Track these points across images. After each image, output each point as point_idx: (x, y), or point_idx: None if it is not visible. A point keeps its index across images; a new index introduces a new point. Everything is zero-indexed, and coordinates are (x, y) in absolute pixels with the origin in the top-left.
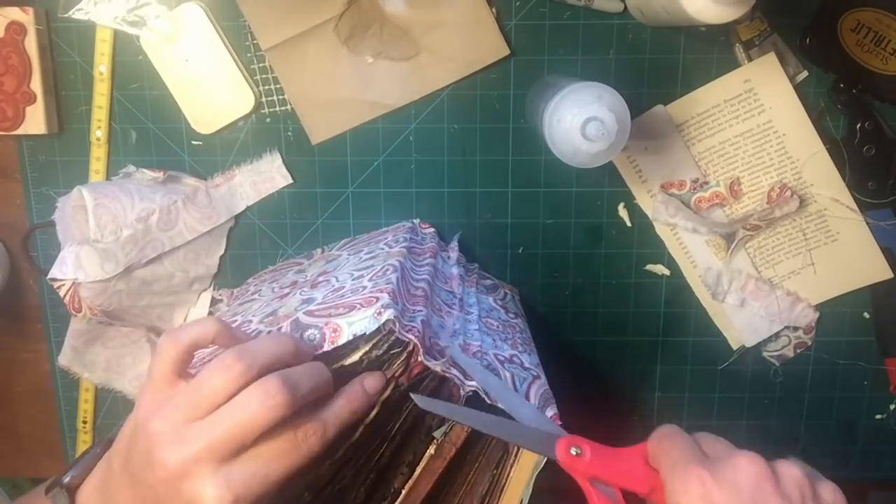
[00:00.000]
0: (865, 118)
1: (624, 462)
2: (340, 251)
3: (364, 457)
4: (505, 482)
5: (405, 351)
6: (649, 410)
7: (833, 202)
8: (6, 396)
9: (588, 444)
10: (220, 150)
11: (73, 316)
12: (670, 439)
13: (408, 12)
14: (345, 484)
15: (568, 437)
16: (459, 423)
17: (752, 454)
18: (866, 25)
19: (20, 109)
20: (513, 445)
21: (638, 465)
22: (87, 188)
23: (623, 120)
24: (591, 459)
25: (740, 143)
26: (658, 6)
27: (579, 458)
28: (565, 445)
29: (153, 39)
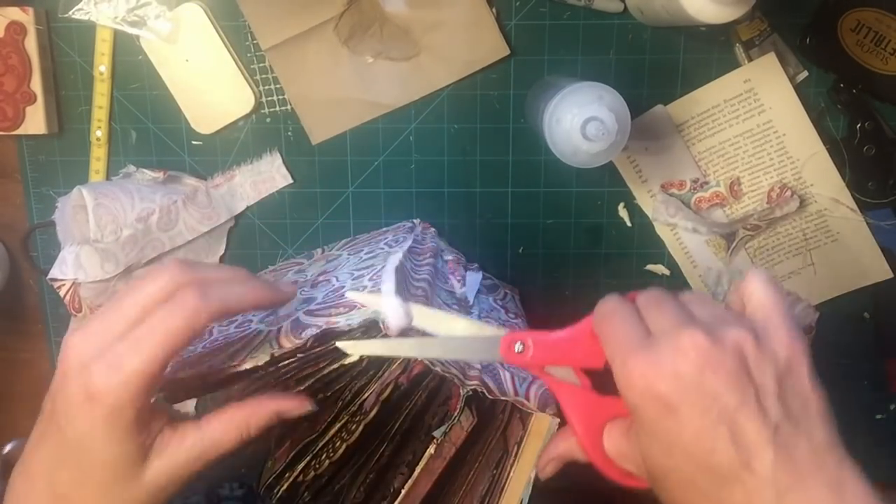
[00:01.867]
0: (865, 118)
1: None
2: (340, 251)
3: (363, 457)
4: (505, 482)
5: None
6: None
7: (833, 202)
8: (6, 396)
9: (530, 335)
10: (220, 150)
11: (73, 316)
12: (608, 322)
13: (408, 12)
14: (344, 484)
15: (507, 336)
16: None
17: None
18: (866, 25)
19: (20, 109)
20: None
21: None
22: (87, 188)
23: (623, 120)
24: (536, 351)
25: (740, 143)
26: (658, 6)
27: (523, 353)
28: (507, 345)
29: (153, 39)
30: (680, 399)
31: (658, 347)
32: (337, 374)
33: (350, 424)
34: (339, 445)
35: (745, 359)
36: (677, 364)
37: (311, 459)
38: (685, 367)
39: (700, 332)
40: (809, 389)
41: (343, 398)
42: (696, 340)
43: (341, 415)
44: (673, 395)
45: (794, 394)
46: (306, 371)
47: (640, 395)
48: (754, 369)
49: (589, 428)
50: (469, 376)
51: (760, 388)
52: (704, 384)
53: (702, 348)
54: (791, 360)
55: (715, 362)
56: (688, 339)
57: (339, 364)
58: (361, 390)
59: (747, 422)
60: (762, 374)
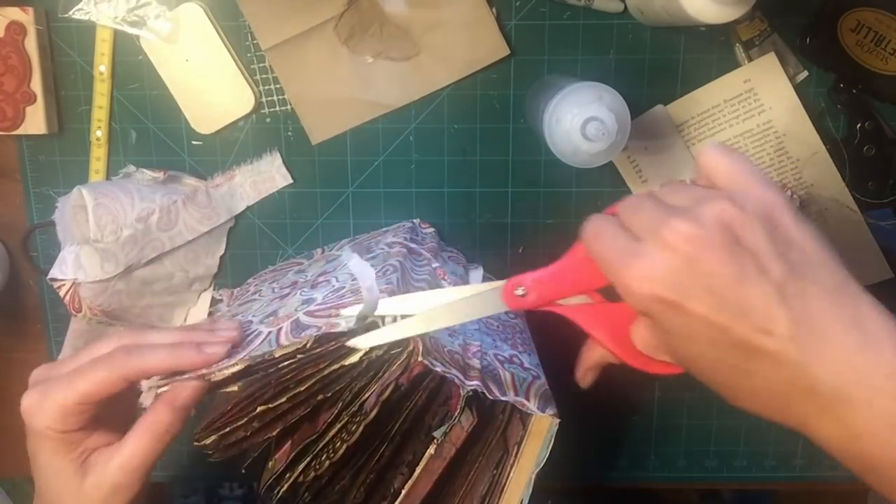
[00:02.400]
0: (865, 118)
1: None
2: (340, 251)
3: (363, 457)
4: (505, 482)
5: (405, 351)
6: (649, 410)
7: (833, 202)
8: (6, 396)
9: (527, 276)
10: (220, 150)
11: (73, 316)
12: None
13: (408, 12)
14: (344, 484)
15: (507, 285)
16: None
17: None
18: (866, 25)
19: (20, 109)
20: (513, 445)
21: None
22: (87, 188)
23: (623, 120)
24: (539, 290)
25: (740, 143)
26: (658, 6)
27: (526, 295)
28: (509, 294)
29: (153, 39)
30: (681, 293)
31: (645, 250)
32: (337, 375)
33: (350, 425)
34: (340, 446)
35: (731, 228)
36: (667, 260)
37: (311, 460)
38: (676, 261)
39: (680, 220)
40: (802, 236)
41: (343, 398)
42: (678, 230)
43: (342, 415)
44: (673, 292)
45: (789, 245)
46: (306, 372)
47: (643, 301)
48: (743, 236)
49: (615, 335)
50: (469, 376)
51: (755, 253)
52: (699, 269)
53: (686, 235)
54: (773, 213)
55: (702, 244)
56: (670, 232)
57: (339, 365)
58: (362, 391)
59: (752, 289)
60: (752, 237)
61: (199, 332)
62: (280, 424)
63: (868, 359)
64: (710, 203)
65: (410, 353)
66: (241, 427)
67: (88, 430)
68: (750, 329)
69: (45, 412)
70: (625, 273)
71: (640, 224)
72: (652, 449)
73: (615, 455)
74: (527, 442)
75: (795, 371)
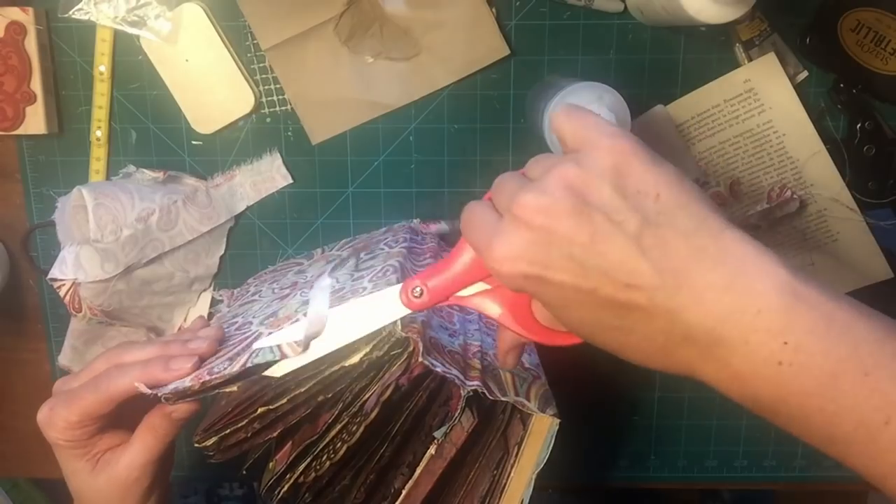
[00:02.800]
0: (865, 118)
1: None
2: (340, 251)
3: (364, 457)
4: (506, 482)
5: (405, 352)
6: (649, 410)
7: (833, 202)
8: (6, 396)
9: (420, 276)
10: (220, 150)
11: (73, 316)
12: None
13: (408, 12)
14: (345, 484)
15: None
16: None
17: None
18: (866, 25)
19: (20, 109)
20: (513, 445)
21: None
22: (87, 188)
23: (623, 120)
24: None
25: (740, 143)
26: (658, 6)
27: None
28: (406, 297)
29: (153, 39)
30: (543, 265)
31: (503, 228)
32: (337, 377)
33: (351, 426)
34: (340, 447)
35: (577, 190)
36: (522, 235)
37: (311, 461)
38: (530, 235)
39: (527, 193)
40: (654, 181)
41: (344, 399)
42: (526, 203)
43: (342, 416)
44: (535, 266)
45: (641, 195)
46: (306, 373)
47: (511, 279)
48: (590, 195)
49: (517, 315)
50: (470, 377)
51: (605, 210)
52: (554, 238)
53: (535, 207)
54: (618, 162)
55: (552, 213)
56: (519, 207)
57: (339, 366)
58: (362, 392)
59: (609, 247)
60: (599, 195)
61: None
62: (280, 426)
63: (737, 296)
64: (555, 170)
65: (411, 354)
66: (242, 429)
67: (99, 435)
68: (615, 287)
69: (53, 427)
70: (488, 255)
71: (500, 203)
72: (652, 449)
73: (615, 455)
74: (527, 442)
75: (669, 320)
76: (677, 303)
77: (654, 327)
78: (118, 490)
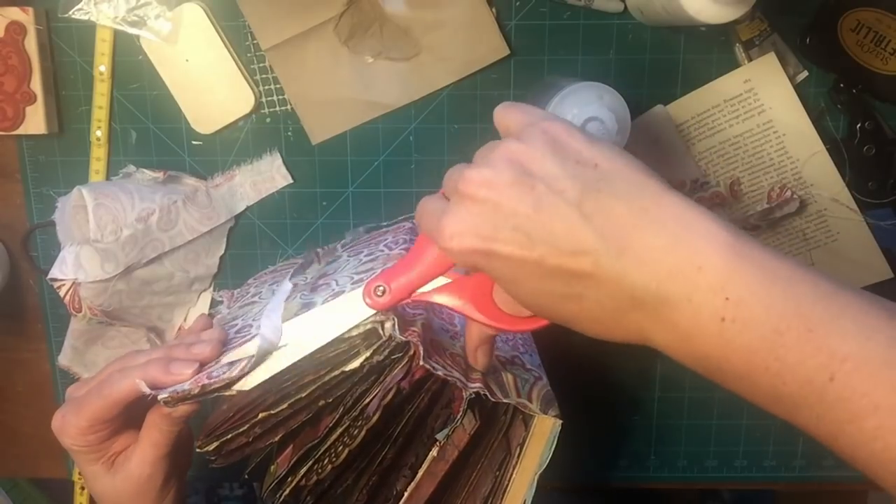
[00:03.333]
0: (865, 118)
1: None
2: (340, 252)
3: (366, 460)
4: (508, 483)
5: (406, 355)
6: (649, 410)
7: (833, 202)
8: (6, 396)
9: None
10: (220, 150)
11: (73, 316)
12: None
13: (408, 12)
14: (347, 487)
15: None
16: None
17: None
18: (866, 25)
19: (20, 109)
20: (515, 446)
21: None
22: (87, 188)
23: (623, 120)
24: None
25: (740, 143)
26: (658, 6)
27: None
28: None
29: (153, 39)
30: (489, 239)
31: (450, 207)
32: (338, 381)
33: (352, 429)
34: (342, 450)
35: (519, 163)
36: (467, 210)
37: (313, 464)
38: (475, 208)
39: (471, 169)
40: (592, 152)
41: (345, 403)
42: (470, 177)
43: (343, 419)
44: (481, 240)
45: (581, 164)
46: (307, 378)
47: (461, 256)
48: (531, 166)
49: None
50: (472, 378)
51: (547, 179)
52: (499, 210)
53: (478, 182)
54: (557, 138)
55: (495, 185)
56: (464, 183)
57: (340, 371)
58: (363, 395)
59: (551, 215)
60: (540, 165)
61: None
62: (282, 430)
63: (678, 256)
64: (498, 147)
65: (412, 358)
66: (243, 433)
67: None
68: (561, 255)
69: (66, 434)
70: (438, 235)
71: (448, 188)
72: (652, 449)
73: (615, 455)
74: (529, 443)
75: (615, 285)
76: (622, 265)
77: (602, 292)
78: (134, 488)
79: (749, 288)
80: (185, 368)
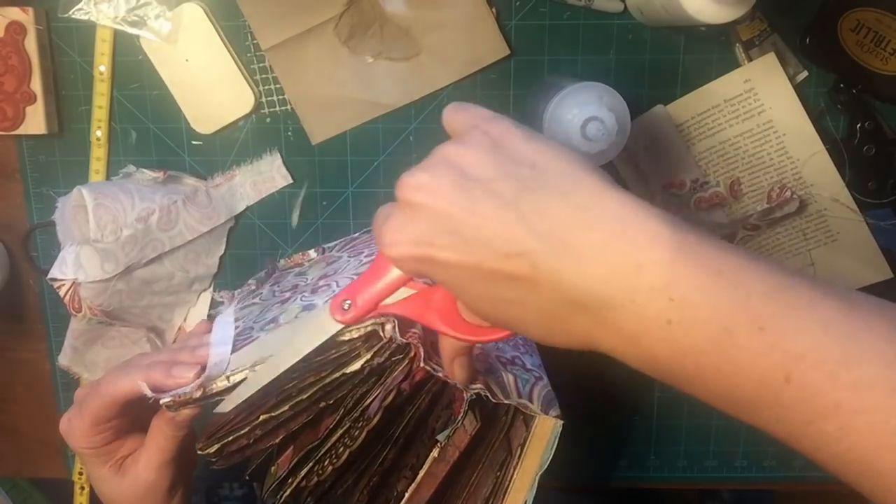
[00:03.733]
0: (865, 118)
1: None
2: (341, 252)
3: (367, 461)
4: (508, 484)
5: (407, 357)
6: (649, 410)
7: (833, 202)
8: (6, 396)
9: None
10: (220, 150)
11: (73, 316)
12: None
13: (408, 12)
14: (347, 487)
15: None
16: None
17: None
18: (866, 25)
19: (20, 109)
20: (516, 447)
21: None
22: (87, 188)
23: (623, 120)
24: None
25: (740, 143)
26: (658, 6)
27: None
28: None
29: (153, 39)
30: (428, 245)
31: (391, 215)
32: (339, 383)
33: (353, 430)
34: (343, 451)
35: (455, 165)
36: (406, 214)
37: (314, 465)
38: (412, 212)
39: (409, 175)
40: (531, 151)
41: (346, 405)
42: (407, 182)
43: (344, 421)
44: (421, 246)
45: (518, 164)
46: (308, 380)
47: (404, 264)
48: (467, 169)
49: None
50: None
51: (483, 180)
52: (436, 214)
53: (415, 186)
54: (496, 139)
55: (432, 189)
56: (402, 188)
57: (340, 373)
58: (364, 397)
59: (487, 217)
60: (476, 167)
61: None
62: (282, 432)
63: (617, 254)
64: (438, 150)
65: (412, 360)
66: (244, 435)
67: (118, 442)
68: (498, 258)
69: (72, 436)
70: (381, 245)
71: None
72: (652, 449)
73: (615, 455)
74: (530, 443)
75: (555, 286)
76: (560, 266)
77: (543, 296)
78: (141, 492)
79: (693, 286)
80: (186, 372)
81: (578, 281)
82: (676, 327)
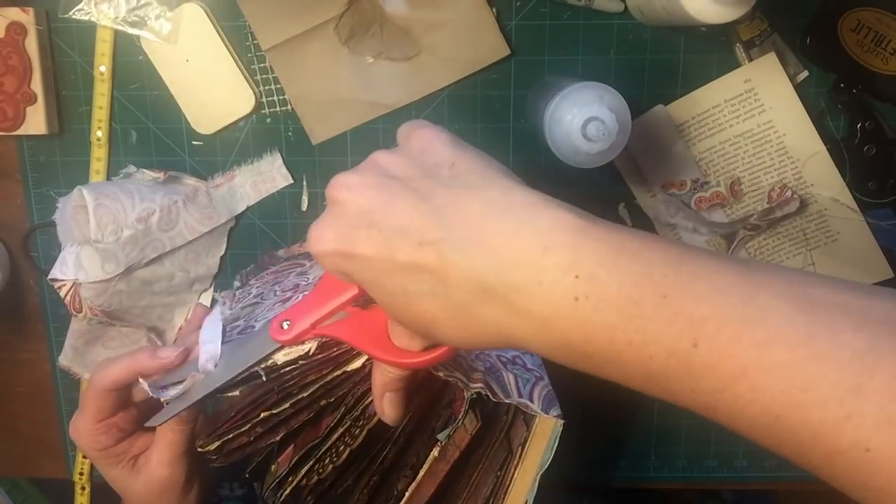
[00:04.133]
0: (865, 118)
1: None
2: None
3: (367, 460)
4: (509, 483)
5: None
6: (649, 410)
7: (833, 202)
8: (6, 396)
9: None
10: (221, 150)
11: (74, 316)
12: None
13: (408, 12)
14: (348, 486)
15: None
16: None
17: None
18: (866, 25)
19: (20, 109)
20: (517, 447)
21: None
22: (87, 188)
23: (623, 120)
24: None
25: (741, 143)
26: (658, 6)
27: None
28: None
29: (153, 39)
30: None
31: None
32: (340, 381)
33: (353, 429)
34: (343, 450)
35: (382, 167)
36: (331, 212)
37: (314, 464)
38: (336, 209)
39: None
40: (450, 154)
41: (346, 403)
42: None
43: (344, 419)
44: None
45: (437, 165)
46: (309, 378)
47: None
48: (393, 169)
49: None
50: (473, 379)
51: (404, 178)
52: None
53: (341, 183)
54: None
55: (355, 186)
56: (329, 188)
57: (341, 371)
58: (365, 395)
59: (402, 208)
60: (400, 168)
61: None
62: (283, 430)
63: (523, 239)
64: (370, 156)
65: None
66: (245, 433)
67: (127, 441)
68: (410, 248)
69: (80, 437)
70: (308, 241)
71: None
72: (652, 449)
73: (615, 455)
74: (531, 443)
75: (462, 275)
76: (468, 255)
77: (452, 286)
78: (157, 488)
79: (597, 261)
80: (170, 352)
81: (487, 268)
82: (585, 303)
